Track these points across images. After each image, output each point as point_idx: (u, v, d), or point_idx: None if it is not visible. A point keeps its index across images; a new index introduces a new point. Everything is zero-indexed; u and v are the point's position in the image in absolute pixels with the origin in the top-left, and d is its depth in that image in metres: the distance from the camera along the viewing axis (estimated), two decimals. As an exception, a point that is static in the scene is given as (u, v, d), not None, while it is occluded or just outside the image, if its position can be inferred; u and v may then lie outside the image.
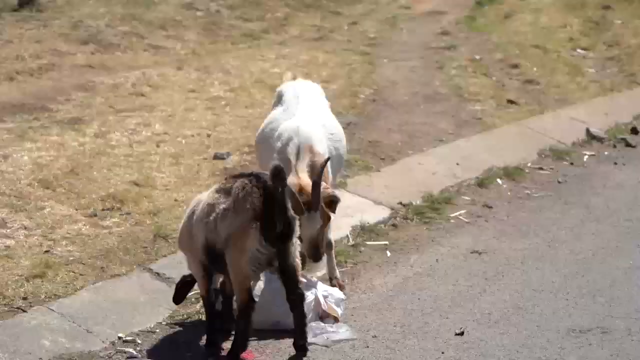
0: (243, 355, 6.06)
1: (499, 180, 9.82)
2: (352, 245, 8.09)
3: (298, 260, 6.07)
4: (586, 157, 10.81)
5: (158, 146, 9.77)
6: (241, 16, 16.90)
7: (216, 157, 9.51)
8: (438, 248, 8.13)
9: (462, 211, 8.95)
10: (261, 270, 6.13)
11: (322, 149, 6.97)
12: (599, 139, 11.35)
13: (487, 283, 7.40)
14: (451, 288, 7.31)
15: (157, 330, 6.60)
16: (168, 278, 7.11)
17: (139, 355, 6.25)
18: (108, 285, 6.96)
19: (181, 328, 6.65)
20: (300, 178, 6.61)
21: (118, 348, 6.31)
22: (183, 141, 10.02)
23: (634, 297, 7.10)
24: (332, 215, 6.81)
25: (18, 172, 8.75)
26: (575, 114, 12.11)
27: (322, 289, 6.78)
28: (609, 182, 9.98)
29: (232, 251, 5.92)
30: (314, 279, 6.85)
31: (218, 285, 6.45)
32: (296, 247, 6.05)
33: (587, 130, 11.47)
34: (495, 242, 8.25)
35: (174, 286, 6.66)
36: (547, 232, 8.49)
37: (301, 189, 6.48)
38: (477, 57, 14.49)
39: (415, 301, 7.08)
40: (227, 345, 6.22)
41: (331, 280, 7.20)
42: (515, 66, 14.08)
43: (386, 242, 8.19)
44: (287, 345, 6.25)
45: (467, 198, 9.31)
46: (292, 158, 6.79)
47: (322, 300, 6.68)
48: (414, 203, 8.98)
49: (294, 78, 8.37)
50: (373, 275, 7.57)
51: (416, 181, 9.55)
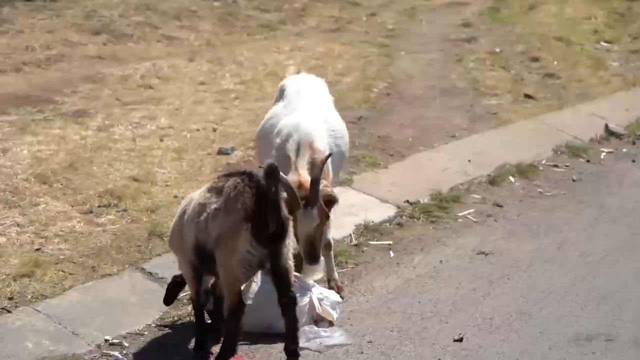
0: (232, 359, 5.85)
1: (512, 177, 9.52)
2: (355, 245, 7.84)
3: (291, 262, 5.87)
4: (603, 154, 10.48)
5: (162, 140, 9.58)
6: (259, 6, 16.65)
7: (220, 152, 9.31)
8: (443, 249, 7.87)
9: (471, 210, 8.67)
10: (252, 272, 5.94)
11: (323, 146, 6.77)
12: (618, 135, 11.01)
13: (492, 286, 7.15)
14: (454, 291, 7.07)
15: (146, 332, 6.41)
16: (161, 278, 6.91)
17: (125, 358, 6.07)
18: (98, 285, 6.79)
19: (171, 330, 6.46)
20: (300, 175, 6.42)
21: (103, 351, 6.13)
22: (188, 135, 9.82)
23: (644, 302, 6.86)
24: (332, 216, 6.59)
25: (15, 167, 8.60)
26: (594, 109, 11.78)
27: (318, 292, 6.56)
28: (626, 181, 9.67)
29: (223, 252, 5.73)
30: (310, 281, 6.62)
31: (209, 285, 6.24)
32: (289, 249, 5.85)
33: (606, 126, 11.14)
34: (503, 243, 7.99)
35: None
36: (558, 233, 8.22)
37: (300, 185, 6.29)
38: (498, 50, 14.19)
39: (415, 304, 6.84)
40: (217, 349, 5.98)
41: (329, 281, 6.97)
42: (536, 59, 13.76)
43: (390, 242, 7.93)
44: (279, 350, 6.03)
45: (477, 196, 9.03)
46: (292, 155, 6.60)
47: (317, 303, 6.46)
48: (422, 201, 8.69)
49: (298, 72, 8.13)
50: (374, 276, 7.33)
51: (425, 178, 9.27)
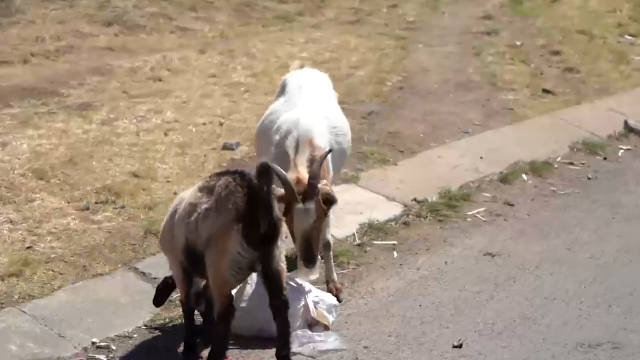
0: (221, 363, 5.67)
1: (524, 175, 9.24)
2: (358, 244, 7.61)
3: (283, 264, 5.67)
4: (621, 152, 10.18)
5: (166, 135, 9.39)
6: (277, -3, 16.43)
7: (225, 148, 9.11)
8: (449, 249, 7.63)
9: (481, 209, 8.42)
10: (243, 275, 5.72)
11: (323, 143, 6.57)
12: (638, 132, 10.69)
13: (496, 289, 6.91)
14: (457, 294, 6.83)
15: (135, 335, 6.23)
16: (154, 278, 6.71)
17: (111, 362, 5.91)
18: (88, 285, 6.62)
19: (161, 333, 6.27)
20: (299, 172, 6.22)
21: (89, 354, 5.95)
22: (193, 129, 9.63)
23: (653, 307, 6.59)
24: (331, 215, 6.38)
25: (13, 161, 8.46)
26: (614, 105, 11.47)
27: (314, 295, 6.35)
28: (644, 179, 9.39)
29: (213, 253, 5.54)
30: (306, 284, 6.40)
31: (201, 287, 6.04)
32: (281, 251, 5.65)
33: (625, 122, 10.82)
34: (511, 244, 7.74)
35: (158, 287, 6.29)
36: (569, 234, 7.96)
37: (298, 182, 6.10)
38: (518, 43, 13.91)
39: (415, 308, 6.62)
40: (207, 352, 5.76)
41: (328, 283, 6.76)
42: (556, 53, 13.46)
43: (394, 242, 7.70)
44: (271, 355, 5.80)
45: (488, 195, 8.77)
46: (291, 152, 6.41)
47: (312, 306, 6.26)
48: (430, 200, 8.44)
49: (302, 67, 7.89)
50: (375, 278, 7.10)
51: (435, 176, 9.02)
